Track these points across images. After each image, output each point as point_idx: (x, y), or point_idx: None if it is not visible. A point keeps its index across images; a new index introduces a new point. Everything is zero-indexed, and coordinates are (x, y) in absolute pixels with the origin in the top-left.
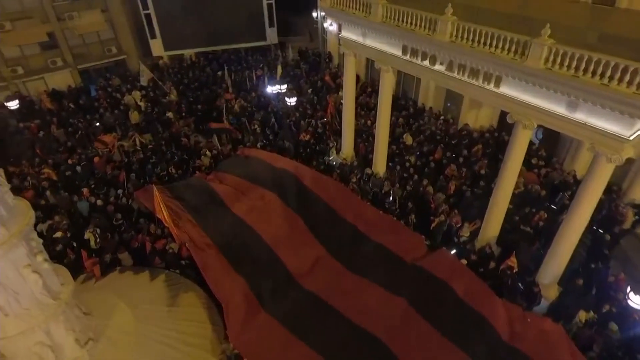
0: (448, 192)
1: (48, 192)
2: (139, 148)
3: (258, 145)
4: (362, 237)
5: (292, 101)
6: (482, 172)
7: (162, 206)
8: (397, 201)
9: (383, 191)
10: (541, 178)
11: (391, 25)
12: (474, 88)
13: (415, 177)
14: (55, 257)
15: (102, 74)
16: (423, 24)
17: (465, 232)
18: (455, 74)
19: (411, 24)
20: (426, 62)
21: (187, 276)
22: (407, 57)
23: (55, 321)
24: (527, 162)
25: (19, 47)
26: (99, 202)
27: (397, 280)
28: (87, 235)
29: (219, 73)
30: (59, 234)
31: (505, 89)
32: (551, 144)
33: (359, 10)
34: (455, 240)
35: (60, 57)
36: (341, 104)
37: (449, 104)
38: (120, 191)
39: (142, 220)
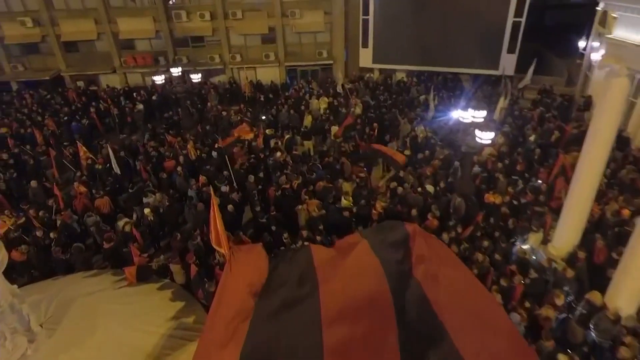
0: None
1: (179, 168)
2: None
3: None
4: None
5: (484, 138)
6: None
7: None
8: None
9: (611, 346)
10: None
11: None
12: None
13: None
14: (123, 237)
15: (305, 75)
16: None
17: None
18: None
19: None
20: None
21: None
22: None
23: None
24: None
25: (244, 36)
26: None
27: None
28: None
29: (422, 97)
30: (147, 211)
31: None
32: None
33: None
34: None
35: (274, 52)
36: None
37: None
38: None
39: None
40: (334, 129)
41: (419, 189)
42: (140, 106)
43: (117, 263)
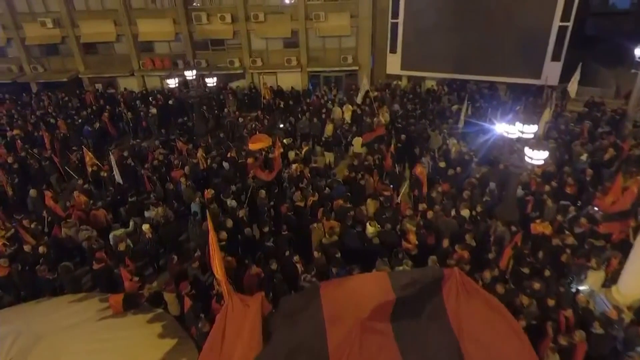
0: None
1: (182, 180)
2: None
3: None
4: None
5: (535, 157)
6: None
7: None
8: None
9: None
10: None
11: None
12: None
13: None
14: (116, 256)
15: (328, 82)
16: None
17: None
18: None
19: None
20: None
21: None
22: None
23: None
24: None
25: (265, 40)
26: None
27: None
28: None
29: (454, 107)
30: (146, 228)
31: None
32: None
33: None
34: None
35: (296, 57)
36: None
37: None
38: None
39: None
40: (357, 140)
41: (452, 213)
42: (154, 110)
43: (107, 286)
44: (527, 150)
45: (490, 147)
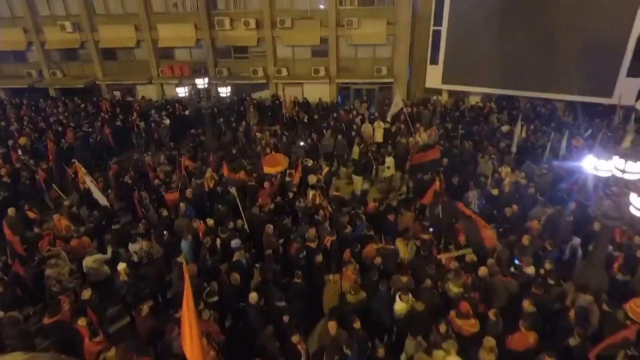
0: None
1: (181, 205)
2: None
3: None
4: None
5: None
6: None
7: None
8: None
9: None
10: None
11: None
12: None
13: None
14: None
15: (359, 95)
16: None
17: None
18: None
19: None
20: None
21: None
22: None
23: None
24: None
25: (292, 48)
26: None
27: None
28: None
29: (504, 127)
30: (121, 268)
31: None
32: None
33: None
34: None
35: (325, 67)
36: None
37: None
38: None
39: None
40: (390, 160)
41: (512, 269)
42: (167, 121)
43: (64, 345)
44: (633, 198)
45: (558, 180)
